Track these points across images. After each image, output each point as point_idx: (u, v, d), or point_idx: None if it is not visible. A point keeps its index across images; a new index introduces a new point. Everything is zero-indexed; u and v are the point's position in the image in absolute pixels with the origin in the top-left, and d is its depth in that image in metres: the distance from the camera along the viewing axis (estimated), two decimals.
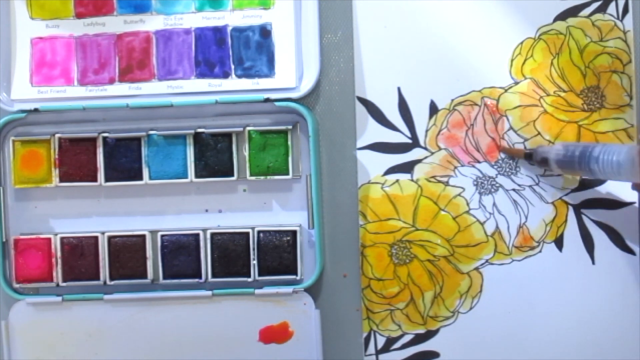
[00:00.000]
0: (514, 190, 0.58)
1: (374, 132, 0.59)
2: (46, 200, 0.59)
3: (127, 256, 0.58)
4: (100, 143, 0.58)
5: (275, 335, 0.58)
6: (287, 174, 0.57)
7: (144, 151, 0.58)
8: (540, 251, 0.58)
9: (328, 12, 0.58)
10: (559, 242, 0.58)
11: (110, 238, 0.58)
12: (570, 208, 0.58)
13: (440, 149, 0.58)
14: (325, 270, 0.59)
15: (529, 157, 0.56)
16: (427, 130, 0.58)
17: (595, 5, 0.57)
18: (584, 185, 0.57)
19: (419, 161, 0.58)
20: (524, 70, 0.58)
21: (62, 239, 0.58)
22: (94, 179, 0.58)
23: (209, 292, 0.57)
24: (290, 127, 0.57)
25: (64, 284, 0.58)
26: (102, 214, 0.59)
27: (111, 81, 0.58)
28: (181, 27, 0.58)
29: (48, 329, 0.58)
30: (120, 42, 0.58)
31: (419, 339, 0.58)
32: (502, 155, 0.58)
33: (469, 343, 0.58)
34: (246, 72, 0.58)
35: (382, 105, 0.59)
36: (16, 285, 0.59)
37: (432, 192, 0.58)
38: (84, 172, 0.58)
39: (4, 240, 0.58)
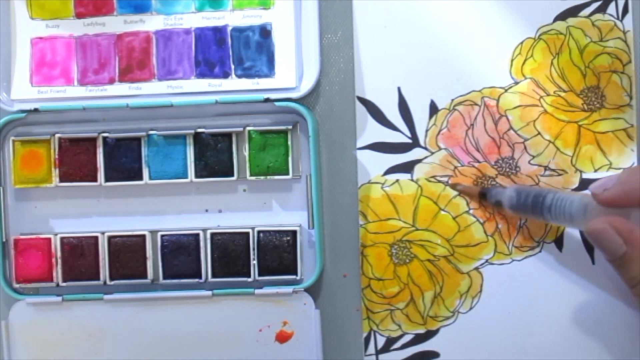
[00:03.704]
0: None
1: (374, 132, 0.59)
2: (46, 200, 0.59)
3: (127, 256, 0.58)
4: (100, 143, 0.58)
5: (276, 335, 0.58)
6: (287, 174, 0.57)
7: (144, 151, 0.58)
8: (540, 251, 0.58)
9: (328, 12, 0.58)
10: (559, 242, 0.58)
11: (110, 238, 0.58)
12: None
13: (440, 149, 0.58)
14: (325, 270, 0.59)
15: (484, 196, 0.56)
16: (427, 130, 0.58)
17: (595, 5, 0.57)
18: (583, 185, 0.57)
19: (419, 161, 0.58)
20: (524, 70, 0.58)
21: (62, 239, 0.58)
22: (94, 179, 0.58)
23: (209, 292, 0.57)
24: (290, 127, 0.57)
25: (64, 284, 0.58)
26: (102, 214, 0.59)
27: (111, 81, 0.58)
28: (181, 27, 0.58)
29: (48, 329, 0.58)
30: (120, 42, 0.58)
31: (419, 339, 0.58)
32: (502, 156, 0.58)
33: (469, 343, 0.58)
34: (246, 72, 0.58)
35: (382, 105, 0.59)
36: (16, 285, 0.59)
37: (432, 192, 0.58)
38: (84, 172, 0.58)
39: (4, 240, 0.58)
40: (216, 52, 0.58)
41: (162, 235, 0.58)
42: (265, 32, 0.57)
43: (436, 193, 0.58)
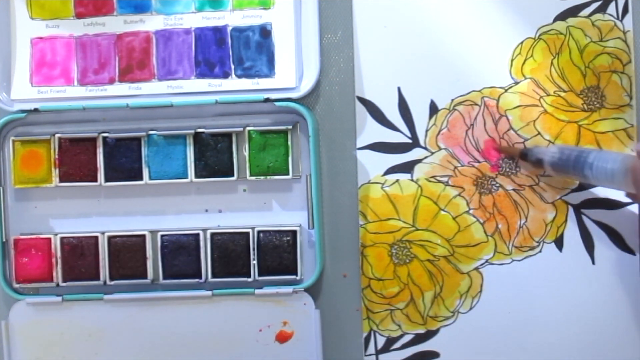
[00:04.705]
0: (514, 190, 0.58)
1: (374, 132, 0.59)
2: (46, 200, 0.59)
3: (127, 256, 0.58)
4: (100, 143, 0.58)
5: (276, 335, 0.58)
6: (287, 174, 0.57)
7: (144, 151, 0.58)
8: (540, 251, 0.58)
9: (328, 12, 0.58)
10: (559, 242, 0.58)
11: (110, 238, 0.58)
12: (570, 208, 0.58)
13: (440, 149, 0.58)
14: (325, 270, 0.59)
15: (525, 156, 0.56)
16: (427, 130, 0.58)
17: (595, 5, 0.57)
18: (584, 185, 0.57)
19: (419, 161, 0.58)
20: (524, 70, 0.58)
21: (62, 239, 0.58)
22: (94, 179, 0.58)
23: (209, 292, 0.57)
24: (290, 127, 0.57)
25: (64, 284, 0.58)
26: (102, 214, 0.59)
27: (111, 81, 0.58)
28: (181, 27, 0.58)
29: (48, 329, 0.58)
30: (120, 42, 0.58)
31: (419, 339, 0.58)
32: (501, 159, 0.58)
33: (469, 343, 0.58)
34: (246, 72, 0.58)
35: (382, 105, 0.59)
36: (16, 285, 0.59)
37: (432, 192, 0.58)
38: (84, 172, 0.58)
39: (4, 240, 0.58)
40: (216, 52, 0.58)
41: (162, 235, 0.58)
42: (265, 32, 0.57)
43: (436, 193, 0.58)
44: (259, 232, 0.57)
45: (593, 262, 0.57)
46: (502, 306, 0.58)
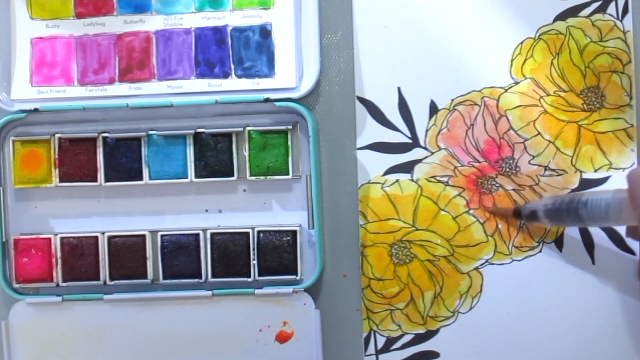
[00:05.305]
0: (514, 190, 0.58)
1: (373, 132, 0.59)
2: (46, 200, 0.59)
3: (127, 256, 0.58)
4: (100, 143, 0.58)
5: (276, 335, 0.58)
6: (287, 174, 0.57)
7: (144, 151, 0.58)
8: (540, 251, 0.58)
9: (328, 12, 0.58)
10: (559, 242, 0.58)
11: (110, 238, 0.58)
12: None
13: (440, 149, 0.58)
14: (325, 270, 0.59)
15: (518, 212, 0.56)
16: (427, 130, 0.58)
17: (595, 5, 0.57)
18: (584, 185, 0.57)
19: (419, 161, 0.58)
20: (524, 70, 0.58)
21: (62, 239, 0.58)
22: (94, 179, 0.58)
23: (209, 292, 0.57)
24: (290, 127, 0.57)
25: (64, 284, 0.58)
26: (102, 214, 0.59)
27: (111, 81, 0.58)
28: (181, 27, 0.58)
29: (48, 329, 0.58)
30: (120, 42, 0.58)
31: (419, 339, 0.58)
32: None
33: (469, 343, 0.58)
34: (246, 72, 0.58)
35: (382, 105, 0.59)
36: (16, 285, 0.59)
37: (432, 192, 0.58)
38: (84, 172, 0.58)
39: (4, 240, 0.58)
40: (216, 52, 0.58)
41: (162, 235, 0.58)
42: (265, 32, 0.57)
43: (436, 193, 0.58)
44: (259, 232, 0.57)
45: (593, 262, 0.57)
46: (502, 306, 0.58)
